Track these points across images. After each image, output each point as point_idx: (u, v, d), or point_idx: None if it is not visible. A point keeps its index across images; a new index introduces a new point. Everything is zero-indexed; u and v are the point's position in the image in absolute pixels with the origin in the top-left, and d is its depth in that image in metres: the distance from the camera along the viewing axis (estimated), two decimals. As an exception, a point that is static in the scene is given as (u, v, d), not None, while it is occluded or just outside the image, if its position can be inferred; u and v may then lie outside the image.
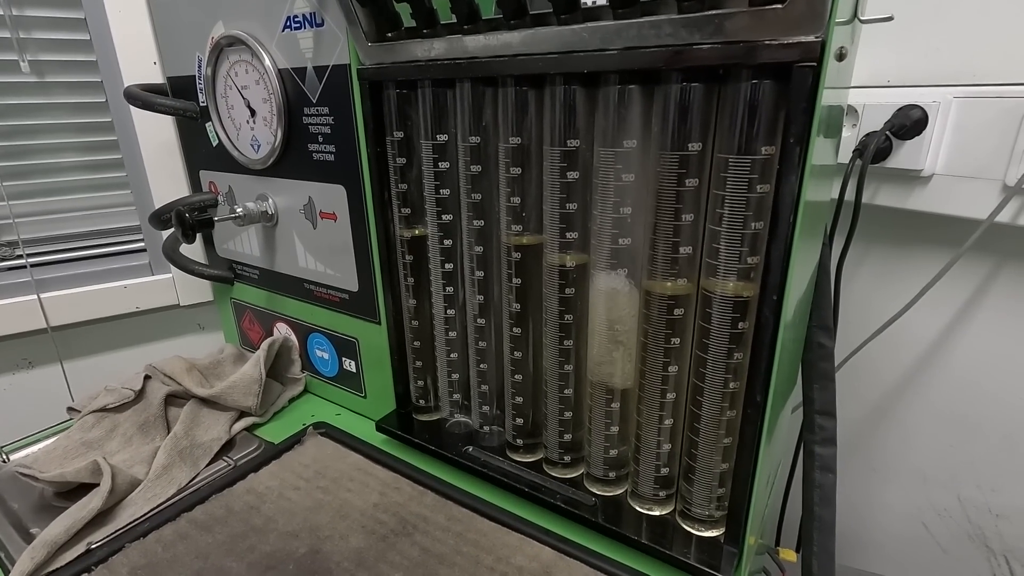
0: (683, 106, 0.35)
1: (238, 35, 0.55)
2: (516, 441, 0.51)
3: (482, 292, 0.49)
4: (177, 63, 0.64)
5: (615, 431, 0.45)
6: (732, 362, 0.38)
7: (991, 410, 0.71)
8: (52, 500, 0.51)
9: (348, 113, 0.51)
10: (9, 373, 0.85)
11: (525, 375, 0.49)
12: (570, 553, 0.44)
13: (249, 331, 0.73)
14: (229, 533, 0.47)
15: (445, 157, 0.47)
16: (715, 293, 0.37)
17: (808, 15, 0.29)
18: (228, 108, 0.60)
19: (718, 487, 0.42)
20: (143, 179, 0.85)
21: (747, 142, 0.33)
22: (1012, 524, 0.74)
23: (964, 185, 0.63)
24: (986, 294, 0.69)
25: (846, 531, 0.89)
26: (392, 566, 0.43)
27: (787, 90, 0.31)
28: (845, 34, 0.34)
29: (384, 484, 0.52)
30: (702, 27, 0.32)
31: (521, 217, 0.44)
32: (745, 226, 0.34)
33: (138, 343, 0.93)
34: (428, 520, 0.48)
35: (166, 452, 0.54)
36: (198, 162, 0.68)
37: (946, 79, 0.64)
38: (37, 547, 0.43)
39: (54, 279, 0.84)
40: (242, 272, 0.70)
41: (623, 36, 0.34)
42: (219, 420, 0.59)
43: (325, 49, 0.50)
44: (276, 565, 0.44)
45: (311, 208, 0.57)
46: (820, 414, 0.55)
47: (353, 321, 0.60)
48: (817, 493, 0.55)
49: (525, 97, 0.41)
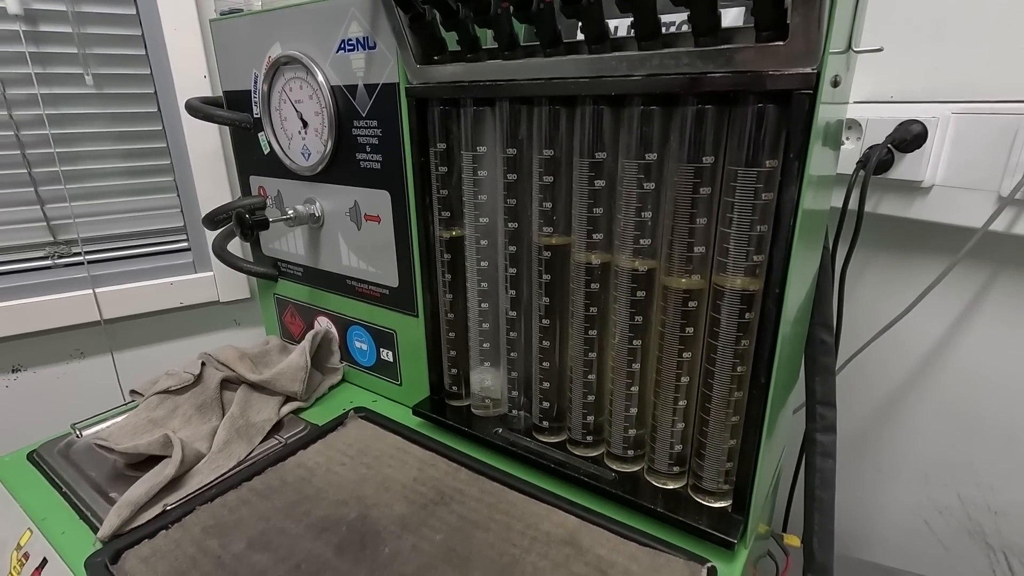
0: (698, 125, 0.40)
1: (294, 55, 0.61)
2: (543, 423, 0.57)
3: (514, 287, 0.55)
4: (234, 78, 0.70)
5: (634, 412, 0.51)
6: (739, 348, 0.43)
7: (989, 411, 0.74)
8: (123, 470, 0.57)
9: (395, 126, 0.56)
10: (63, 362, 0.91)
11: (552, 363, 0.54)
12: (593, 521, 0.49)
13: (291, 324, 0.79)
14: (285, 500, 0.53)
15: (483, 166, 0.53)
16: (725, 287, 0.42)
17: (805, 51, 0.34)
18: (282, 120, 0.66)
19: (726, 461, 0.47)
20: (190, 184, 0.92)
21: (753, 156, 0.38)
22: (1010, 521, 0.77)
23: (962, 196, 0.66)
24: (984, 299, 0.72)
25: (852, 528, 0.92)
26: (433, 529, 0.49)
27: (788, 113, 0.36)
28: (840, 63, 0.40)
29: (421, 461, 0.58)
30: (715, 59, 0.37)
31: (552, 220, 0.50)
32: (751, 229, 0.40)
33: (178, 337, 0.99)
34: (463, 492, 0.53)
35: (225, 429, 0.59)
36: (249, 168, 0.74)
37: (945, 96, 0.68)
38: (122, 506, 0.49)
39: (107, 275, 0.90)
40: (286, 269, 0.76)
41: (647, 64, 0.40)
42: (269, 403, 0.65)
43: (376, 69, 0.56)
44: (330, 527, 0.49)
45: (356, 211, 0.63)
46: (821, 404, 0.60)
47: (392, 314, 0.65)
48: (818, 477, 0.60)
49: (558, 115, 0.47)
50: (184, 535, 0.48)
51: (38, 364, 0.90)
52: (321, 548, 0.47)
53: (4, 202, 0.82)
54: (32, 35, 0.78)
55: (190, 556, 0.46)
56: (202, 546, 0.47)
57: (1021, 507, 0.76)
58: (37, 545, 0.49)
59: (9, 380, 0.88)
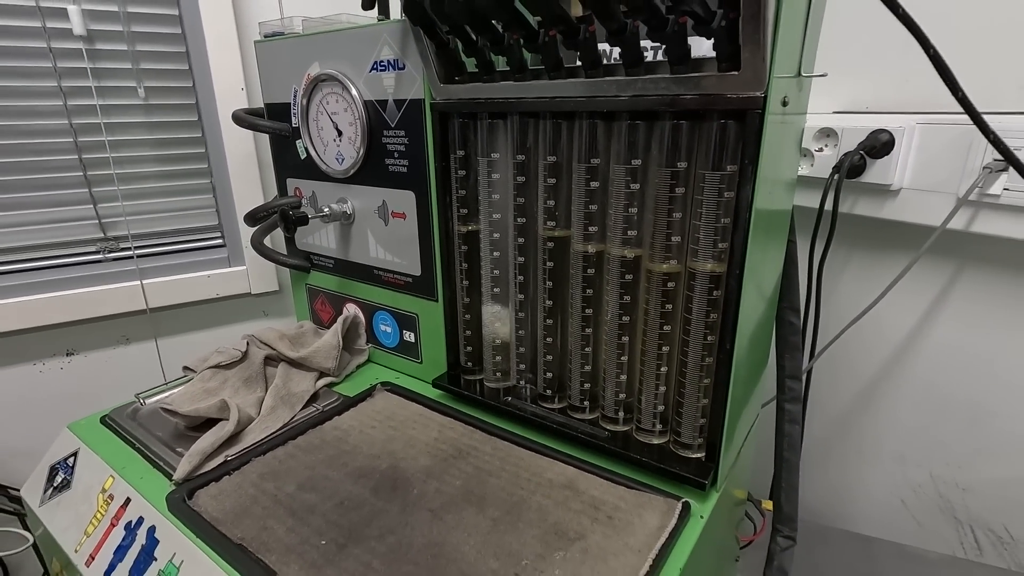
0: (674, 137, 0.49)
1: (332, 73, 0.70)
2: (546, 391, 0.66)
3: (522, 274, 0.64)
4: (275, 92, 0.79)
5: (624, 379, 0.60)
6: (709, 320, 0.52)
7: (956, 395, 0.81)
8: (184, 431, 0.66)
9: (420, 136, 0.66)
10: (111, 347, 1.01)
11: (554, 338, 0.63)
12: (589, 470, 0.58)
13: (321, 312, 0.88)
14: (326, 454, 0.62)
15: (496, 170, 0.62)
16: (697, 270, 0.51)
17: (754, 78, 0.43)
18: (319, 129, 0.75)
19: (700, 418, 0.56)
20: (227, 185, 1.01)
21: (717, 162, 0.47)
22: (976, 496, 0.84)
23: (926, 197, 0.73)
24: (951, 293, 0.79)
25: (836, 507, 0.98)
26: (453, 476, 0.58)
27: (742, 127, 0.45)
28: (789, 85, 0.49)
29: (441, 425, 0.67)
30: (686, 84, 0.46)
31: (554, 215, 0.59)
32: (717, 221, 0.49)
33: (212, 326, 1.08)
34: (478, 449, 0.62)
35: (271, 397, 0.69)
36: (287, 171, 0.83)
37: (912, 107, 0.74)
38: (192, 455, 0.58)
39: (151, 268, 1.00)
40: (318, 261, 0.85)
41: (632, 87, 0.49)
42: (306, 378, 0.74)
43: (404, 86, 0.65)
44: (366, 475, 0.58)
45: (384, 209, 0.73)
46: (790, 378, 0.69)
47: (414, 300, 0.75)
48: (786, 441, 0.68)
49: (559, 127, 0.56)
50: (244, 479, 0.58)
51: (89, 348, 0.99)
52: (359, 490, 0.56)
53: (61, 202, 0.92)
54: (92, 53, 0.88)
55: (251, 495, 0.55)
56: (260, 487, 0.56)
57: (985, 484, 0.82)
58: (119, 488, 0.59)
59: (64, 362, 0.98)
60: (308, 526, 0.51)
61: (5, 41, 0.83)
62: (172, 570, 0.50)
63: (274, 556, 0.48)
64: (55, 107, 0.88)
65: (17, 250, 0.91)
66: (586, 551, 0.48)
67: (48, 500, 0.63)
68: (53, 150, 0.90)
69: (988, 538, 0.85)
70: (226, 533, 0.50)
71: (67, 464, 0.65)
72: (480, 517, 0.52)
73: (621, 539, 0.49)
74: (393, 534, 0.50)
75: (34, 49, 0.85)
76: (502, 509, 0.53)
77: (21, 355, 0.94)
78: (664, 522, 0.51)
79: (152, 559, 0.52)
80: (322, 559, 0.48)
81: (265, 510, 0.53)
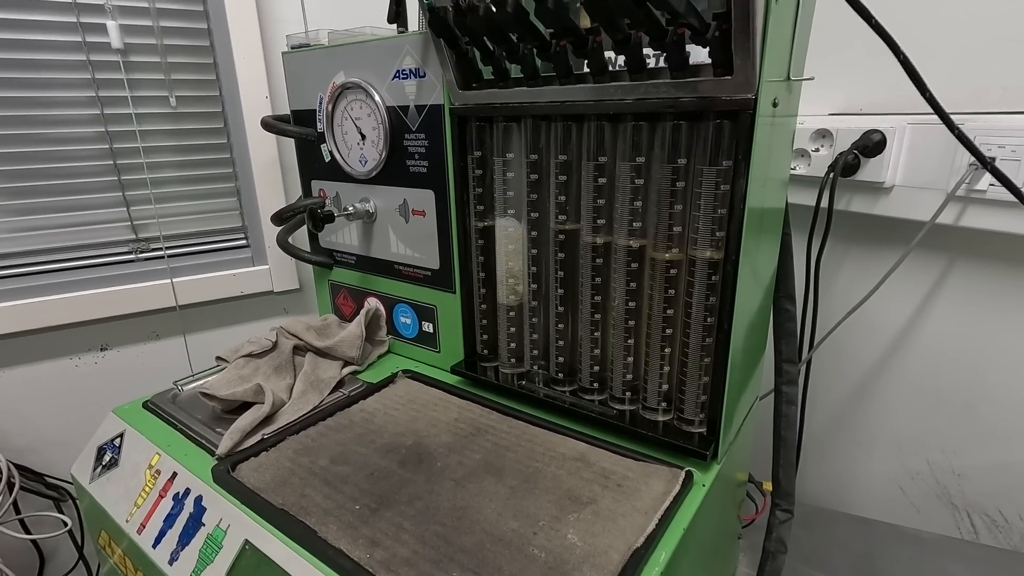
0: (674, 136, 0.54)
1: (356, 81, 0.76)
2: (558, 375, 0.70)
3: (535, 265, 0.69)
4: (301, 100, 0.85)
5: (630, 361, 0.64)
6: (708, 303, 0.57)
7: (952, 383, 0.84)
8: (221, 414, 0.71)
9: (440, 138, 0.71)
10: (142, 343, 1.06)
11: (566, 325, 0.68)
12: (599, 445, 0.62)
13: (343, 306, 0.93)
14: (355, 433, 0.67)
15: (511, 169, 0.67)
16: (697, 257, 0.56)
17: (745, 82, 0.48)
18: (343, 134, 0.81)
19: (701, 395, 0.60)
20: (251, 188, 1.07)
21: (714, 158, 0.52)
22: (971, 482, 0.87)
23: (917, 194, 0.77)
24: (943, 286, 0.82)
25: (834, 500, 1.01)
26: (473, 451, 0.63)
27: (736, 126, 0.50)
28: (780, 88, 0.53)
29: (460, 407, 0.72)
30: (685, 88, 0.51)
31: (565, 210, 0.64)
32: (714, 212, 0.54)
33: (235, 323, 1.14)
34: (495, 427, 0.67)
35: (301, 383, 0.74)
36: (311, 173, 0.89)
37: (903, 108, 0.78)
38: (233, 432, 0.63)
39: (180, 267, 1.05)
40: (340, 258, 0.90)
41: (636, 91, 0.54)
42: (332, 366, 0.79)
43: (425, 93, 0.70)
44: (393, 450, 0.63)
45: (405, 207, 0.78)
46: (786, 362, 0.73)
47: (433, 292, 0.80)
48: (783, 421, 0.73)
49: (570, 129, 0.61)
50: (281, 455, 0.62)
51: (121, 344, 1.05)
52: (388, 463, 0.61)
53: (96, 205, 0.98)
54: (128, 65, 0.94)
55: (288, 468, 0.60)
56: (296, 461, 0.61)
57: (979, 469, 0.86)
58: (166, 464, 0.64)
59: (98, 357, 1.03)
60: (342, 494, 0.56)
61: (48, 55, 0.89)
62: (219, 534, 0.55)
63: (314, 518, 0.53)
64: (92, 116, 0.94)
65: (54, 251, 0.97)
66: (597, 513, 0.53)
67: (98, 477, 0.68)
68: (89, 156, 0.95)
69: (984, 522, 0.88)
70: (268, 499, 0.55)
71: (114, 444, 0.70)
72: (499, 486, 0.57)
73: (629, 503, 0.54)
74: (421, 500, 0.55)
75: (74, 62, 0.91)
76: (519, 479, 0.58)
77: (58, 350, 1.00)
78: (669, 488, 0.55)
79: (200, 524, 0.57)
80: (358, 520, 0.53)
81: (302, 480, 0.58)
